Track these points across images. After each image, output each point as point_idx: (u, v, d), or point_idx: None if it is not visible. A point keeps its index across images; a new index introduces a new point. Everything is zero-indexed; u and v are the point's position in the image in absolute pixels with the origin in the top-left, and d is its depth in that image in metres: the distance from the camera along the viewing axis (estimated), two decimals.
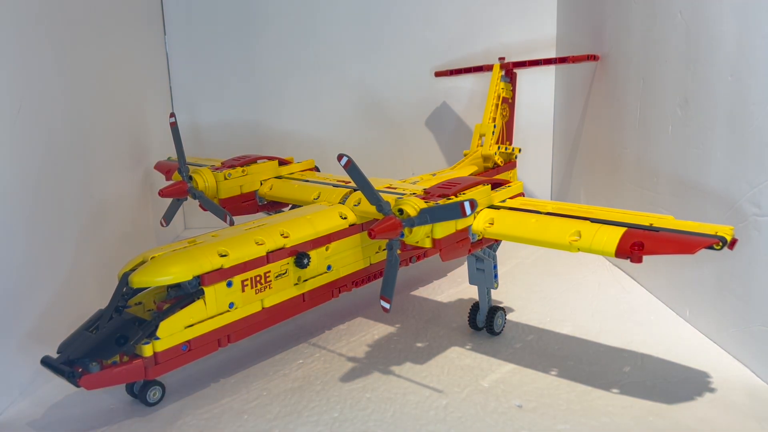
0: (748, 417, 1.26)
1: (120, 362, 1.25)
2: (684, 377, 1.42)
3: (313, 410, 1.34)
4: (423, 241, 1.37)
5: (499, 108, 2.34)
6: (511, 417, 1.29)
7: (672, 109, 1.72)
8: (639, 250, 1.21)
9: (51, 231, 1.61)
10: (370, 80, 2.75)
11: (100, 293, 1.71)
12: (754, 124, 1.37)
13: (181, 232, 2.77)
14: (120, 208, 2.11)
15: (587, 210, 1.41)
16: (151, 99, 2.50)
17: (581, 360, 1.51)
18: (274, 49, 2.71)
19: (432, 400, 1.36)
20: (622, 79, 2.05)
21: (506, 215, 1.44)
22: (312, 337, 1.69)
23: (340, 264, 1.58)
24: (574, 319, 1.74)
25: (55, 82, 1.68)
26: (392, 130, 2.80)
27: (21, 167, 1.48)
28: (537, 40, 2.67)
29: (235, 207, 1.90)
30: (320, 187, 1.78)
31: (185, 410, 1.36)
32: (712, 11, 1.52)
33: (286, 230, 1.47)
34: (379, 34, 2.71)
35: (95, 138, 1.93)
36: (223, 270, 1.34)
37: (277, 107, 2.77)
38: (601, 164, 2.27)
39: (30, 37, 1.56)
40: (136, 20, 2.38)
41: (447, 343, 1.63)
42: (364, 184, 1.35)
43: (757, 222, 1.37)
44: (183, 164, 1.84)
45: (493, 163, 2.22)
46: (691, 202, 1.64)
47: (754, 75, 1.37)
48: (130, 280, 1.28)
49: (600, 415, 1.28)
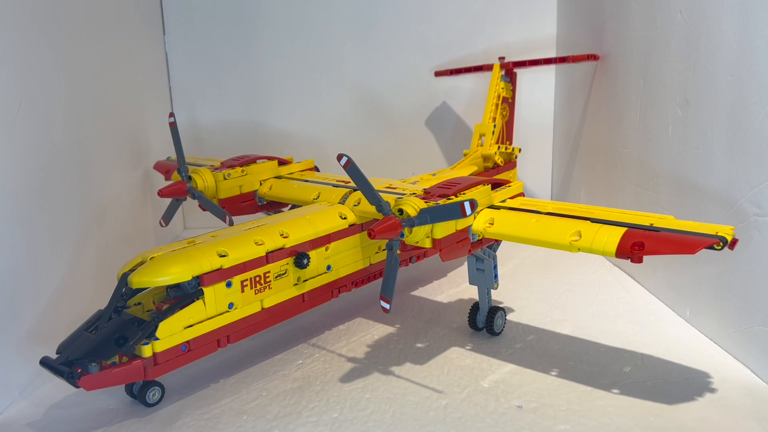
0: (749, 417, 1.26)
1: (119, 363, 1.25)
2: (684, 377, 1.42)
3: (313, 410, 1.34)
4: (423, 241, 1.37)
5: (499, 108, 2.34)
6: (512, 417, 1.29)
7: (672, 108, 1.72)
8: (639, 250, 1.21)
9: (50, 231, 1.61)
10: (370, 80, 2.75)
11: (99, 293, 1.71)
12: (754, 124, 1.37)
13: (180, 233, 2.76)
14: (119, 208, 2.11)
15: (587, 210, 1.41)
16: (151, 99, 2.50)
17: (581, 360, 1.51)
18: (273, 48, 2.71)
19: (432, 401, 1.36)
20: (622, 79, 2.05)
21: (506, 215, 1.44)
22: (311, 338, 1.69)
23: (340, 264, 1.58)
24: (574, 319, 1.74)
25: (54, 81, 1.68)
26: (392, 130, 2.80)
27: (20, 167, 1.48)
28: (537, 40, 2.66)
29: (235, 207, 1.90)
30: (320, 187, 1.78)
31: (185, 411, 1.35)
32: (712, 11, 1.51)
33: (286, 230, 1.47)
34: (379, 34, 2.70)
35: (94, 138, 1.92)
36: (222, 270, 1.34)
37: (277, 107, 2.77)
38: (602, 164, 2.27)
39: (29, 37, 1.55)
40: (135, 20, 2.37)
41: (447, 343, 1.63)
42: (364, 184, 1.34)
43: (757, 222, 1.37)
44: (182, 164, 1.84)
45: (493, 163, 2.22)
46: (691, 202, 1.64)
47: (754, 75, 1.36)
48: (130, 281, 1.28)
49: (600, 415, 1.28)
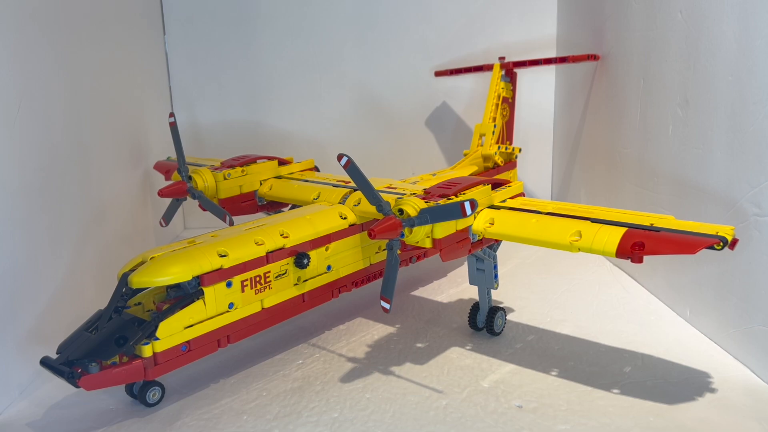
0: (749, 417, 1.26)
1: (119, 363, 1.25)
2: (684, 377, 1.42)
3: (313, 411, 1.34)
4: (423, 241, 1.37)
5: (500, 108, 2.34)
6: (512, 417, 1.29)
7: (672, 108, 1.71)
8: (640, 250, 1.21)
9: (50, 231, 1.61)
10: (370, 80, 2.75)
11: (99, 293, 1.71)
12: (754, 124, 1.37)
13: (180, 232, 2.76)
14: (119, 208, 2.11)
15: (588, 210, 1.41)
16: (151, 99, 2.50)
17: (581, 360, 1.51)
18: (273, 48, 2.71)
19: (432, 401, 1.36)
20: (623, 79, 2.05)
21: (506, 215, 1.44)
22: (312, 338, 1.69)
23: (340, 264, 1.58)
24: (574, 319, 1.74)
25: (54, 81, 1.68)
26: (392, 130, 2.80)
27: (20, 167, 1.48)
28: (537, 40, 2.66)
29: (235, 207, 1.90)
30: (320, 187, 1.78)
31: (185, 411, 1.35)
32: (712, 11, 1.51)
33: (286, 230, 1.47)
34: (379, 34, 2.70)
35: (94, 138, 1.92)
36: (222, 270, 1.34)
37: (277, 107, 2.76)
38: (602, 164, 2.27)
39: (29, 37, 1.55)
40: (135, 20, 2.37)
41: (447, 343, 1.63)
42: (364, 184, 1.34)
43: (757, 222, 1.37)
44: (182, 164, 1.84)
45: (493, 162, 2.22)
46: (691, 202, 1.64)
47: (754, 75, 1.36)
48: (130, 281, 1.28)
49: (600, 415, 1.28)
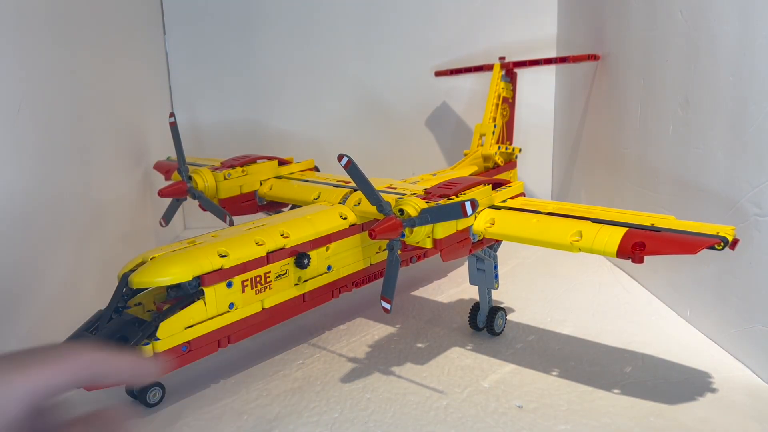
0: (749, 417, 1.26)
1: None
2: (685, 377, 1.42)
3: (314, 411, 1.33)
4: (424, 241, 1.37)
5: (500, 108, 2.34)
6: (512, 417, 1.29)
7: (673, 109, 1.71)
8: (640, 251, 1.21)
9: (51, 231, 1.61)
10: (370, 80, 2.75)
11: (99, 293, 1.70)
12: (754, 124, 1.37)
13: (180, 233, 2.76)
14: (119, 208, 2.10)
15: (588, 210, 1.41)
16: (151, 99, 2.50)
17: (582, 360, 1.51)
18: (273, 48, 2.71)
19: (432, 401, 1.36)
20: (623, 79, 2.05)
21: (507, 215, 1.44)
22: (312, 338, 1.69)
23: (341, 264, 1.58)
24: (574, 319, 1.74)
25: (54, 81, 1.68)
26: (392, 130, 2.80)
27: (21, 167, 1.48)
28: (537, 40, 2.66)
29: (235, 207, 1.90)
30: (320, 187, 1.78)
31: (185, 411, 1.35)
32: (712, 11, 1.51)
33: (286, 230, 1.47)
34: (379, 34, 2.70)
35: (94, 138, 1.92)
36: (223, 270, 1.34)
37: (277, 107, 2.76)
38: (602, 164, 2.27)
39: (30, 37, 1.55)
40: (136, 20, 2.37)
41: (447, 343, 1.63)
42: (365, 184, 1.34)
43: (758, 222, 1.37)
44: (182, 164, 1.84)
45: (493, 163, 2.22)
46: (692, 202, 1.64)
47: (754, 75, 1.36)
48: (130, 281, 1.28)
49: (601, 415, 1.28)
